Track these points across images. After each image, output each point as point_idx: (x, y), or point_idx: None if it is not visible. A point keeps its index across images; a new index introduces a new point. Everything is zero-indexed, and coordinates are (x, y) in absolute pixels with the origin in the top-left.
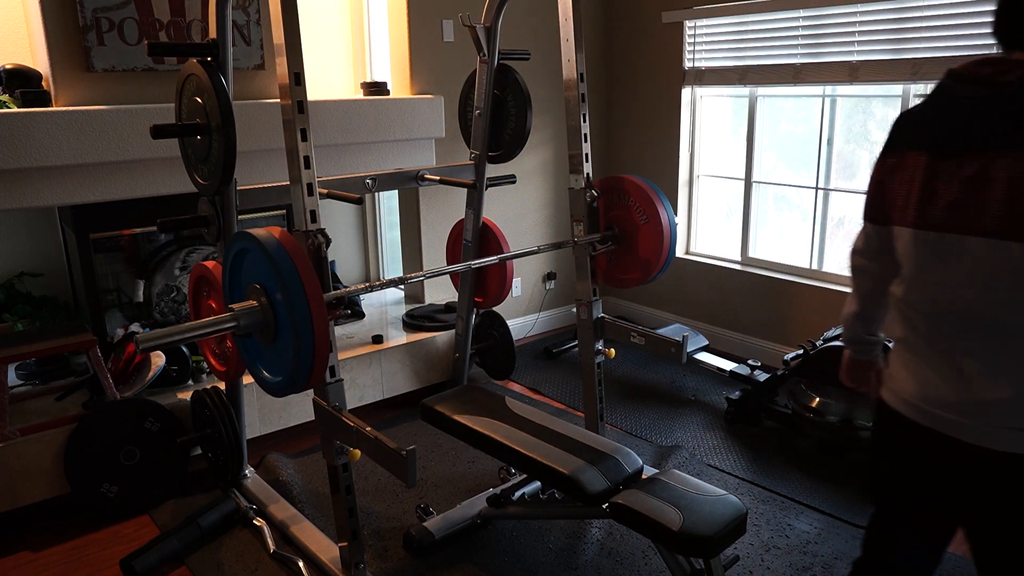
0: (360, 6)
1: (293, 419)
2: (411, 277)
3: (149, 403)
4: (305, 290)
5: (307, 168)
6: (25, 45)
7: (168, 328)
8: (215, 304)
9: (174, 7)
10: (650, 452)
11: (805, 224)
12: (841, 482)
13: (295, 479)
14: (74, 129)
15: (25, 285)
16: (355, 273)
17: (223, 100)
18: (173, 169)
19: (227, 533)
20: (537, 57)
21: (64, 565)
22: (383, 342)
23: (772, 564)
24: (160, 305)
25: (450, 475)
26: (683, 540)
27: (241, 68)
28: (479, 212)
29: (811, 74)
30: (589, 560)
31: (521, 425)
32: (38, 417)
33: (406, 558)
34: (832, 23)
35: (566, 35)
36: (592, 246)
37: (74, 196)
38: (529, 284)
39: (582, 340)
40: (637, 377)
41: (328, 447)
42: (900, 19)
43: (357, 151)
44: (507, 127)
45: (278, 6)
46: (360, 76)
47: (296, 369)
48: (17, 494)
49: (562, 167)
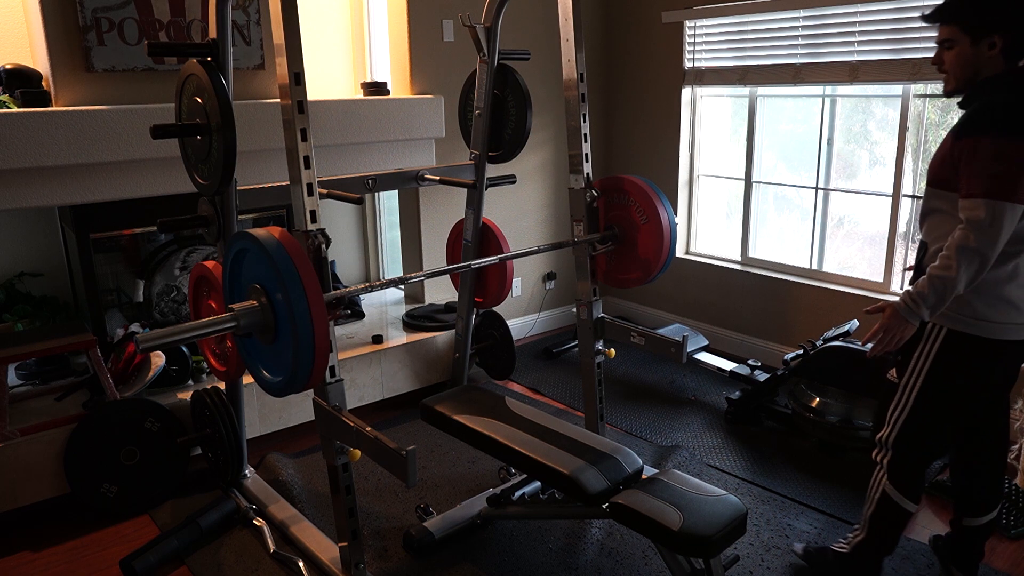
0: (360, 6)
1: (293, 419)
2: (411, 277)
3: (149, 403)
4: (305, 290)
5: (307, 168)
6: (25, 45)
7: (168, 328)
8: (215, 304)
9: (174, 7)
10: (650, 452)
11: (805, 224)
12: (841, 482)
13: (295, 479)
14: (74, 129)
15: (25, 285)
16: (355, 273)
17: (223, 100)
18: (173, 169)
19: (227, 533)
20: (537, 57)
21: (64, 565)
22: (383, 342)
23: (772, 564)
24: (160, 305)
25: (450, 475)
26: (683, 540)
27: (241, 68)
28: (479, 212)
29: (811, 74)
30: (589, 560)
31: (521, 425)
32: (38, 417)
33: (406, 558)
34: (832, 23)
35: (566, 35)
36: (592, 246)
37: (74, 196)
38: (529, 284)
39: (582, 340)
40: (637, 377)
41: (328, 447)
42: (900, 19)
43: (357, 151)
44: (507, 127)
45: (278, 6)
46: (360, 76)
47: (296, 369)
48: (17, 494)
49: (562, 167)
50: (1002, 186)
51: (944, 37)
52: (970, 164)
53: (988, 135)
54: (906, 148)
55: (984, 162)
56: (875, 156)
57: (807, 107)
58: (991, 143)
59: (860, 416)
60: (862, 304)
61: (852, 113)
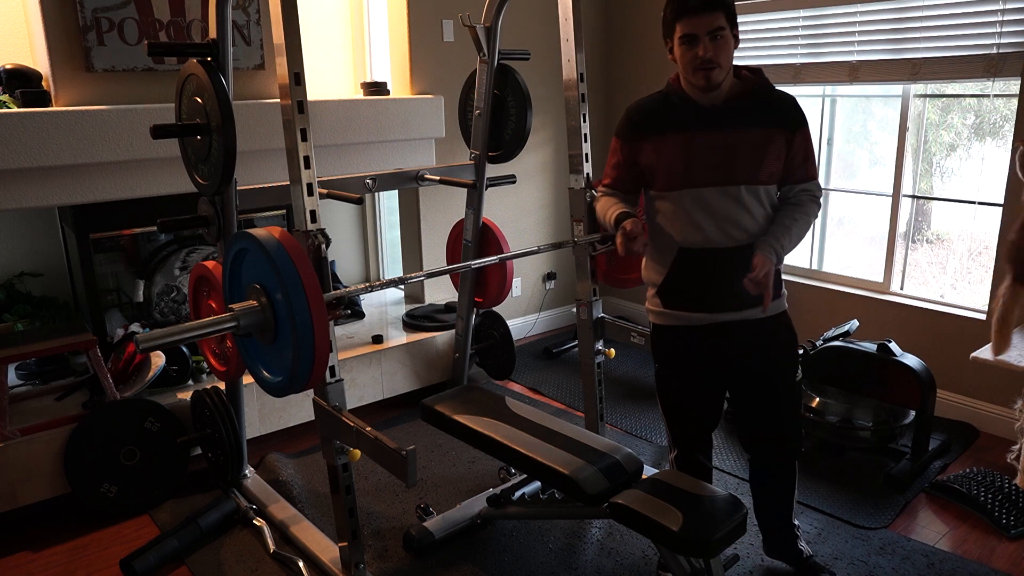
0: (360, 6)
1: (293, 419)
2: (411, 277)
3: (149, 403)
4: (305, 290)
5: (307, 168)
6: (25, 45)
7: (168, 328)
8: (215, 304)
9: (174, 7)
10: (650, 452)
11: None
12: (841, 482)
13: (295, 479)
14: (74, 129)
15: (25, 285)
16: (355, 273)
17: (223, 100)
18: (173, 169)
19: (227, 533)
20: (537, 57)
21: (64, 565)
22: (383, 342)
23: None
24: (160, 305)
25: (450, 475)
26: (683, 540)
27: (241, 68)
28: (479, 212)
29: (811, 74)
30: (589, 560)
31: (521, 425)
32: (38, 417)
33: (406, 558)
34: (832, 23)
35: (566, 35)
36: (592, 246)
37: (74, 196)
38: (529, 284)
39: (582, 340)
40: (637, 377)
41: (328, 447)
42: (900, 19)
43: (357, 151)
44: (507, 127)
45: (278, 6)
46: (360, 76)
47: (296, 369)
48: (17, 494)
49: (562, 167)
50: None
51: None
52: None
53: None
54: (906, 148)
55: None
56: (875, 156)
57: (807, 107)
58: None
59: (860, 416)
60: (862, 304)
61: (852, 113)
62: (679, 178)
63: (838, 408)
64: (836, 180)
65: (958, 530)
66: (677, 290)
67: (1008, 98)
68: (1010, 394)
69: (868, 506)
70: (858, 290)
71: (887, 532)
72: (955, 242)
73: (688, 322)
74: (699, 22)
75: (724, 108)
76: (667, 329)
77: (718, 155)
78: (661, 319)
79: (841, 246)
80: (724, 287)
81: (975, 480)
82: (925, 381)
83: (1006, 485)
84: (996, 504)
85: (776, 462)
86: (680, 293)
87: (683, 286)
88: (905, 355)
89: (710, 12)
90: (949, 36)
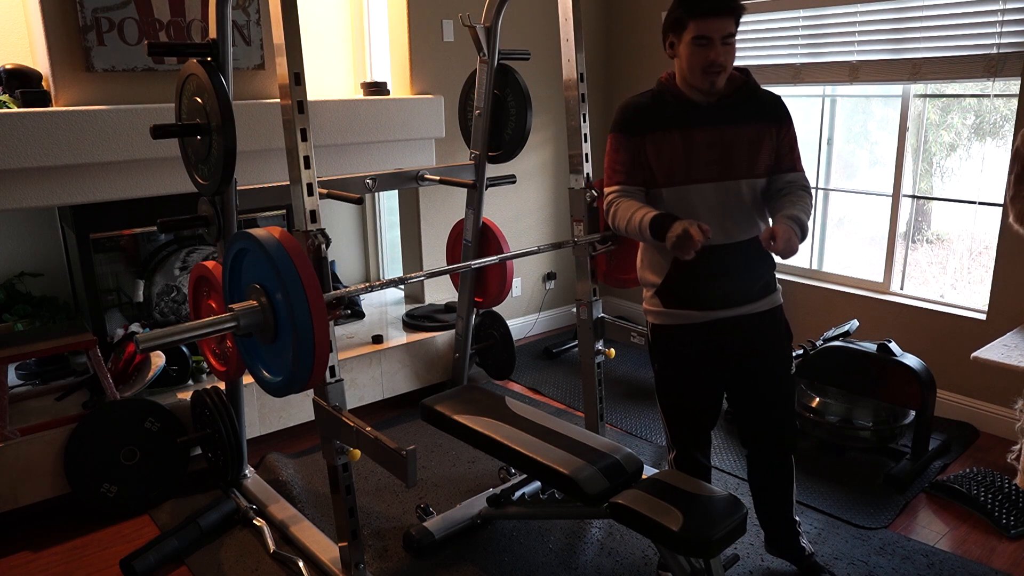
0: (360, 6)
1: (293, 419)
2: (411, 277)
3: (149, 403)
4: (305, 290)
5: (307, 168)
6: (25, 45)
7: (168, 328)
8: (215, 304)
9: (174, 7)
10: (650, 452)
11: None
12: (841, 482)
13: (295, 479)
14: (74, 129)
15: (25, 285)
16: (355, 273)
17: (223, 100)
18: (173, 169)
19: (227, 533)
20: (537, 57)
21: (64, 565)
22: (383, 342)
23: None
24: (160, 305)
25: (450, 475)
26: (683, 540)
27: (241, 68)
28: (479, 212)
29: (811, 74)
30: (589, 560)
31: (521, 425)
32: (38, 417)
33: (406, 558)
34: (832, 23)
35: (566, 35)
36: (592, 246)
37: (74, 196)
38: (529, 284)
39: (582, 340)
40: (637, 377)
41: (328, 447)
42: (900, 19)
43: (357, 151)
44: (507, 127)
45: (278, 6)
46: (360, 76)
47: (296, 369)
48: (17, 494)
49: (562, 167)
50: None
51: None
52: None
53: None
54: (906, 148)
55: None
56: (875, 156)
57: (807, 107)
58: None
59: (860, 416)
60: (862, 304)
61: (852, 113)
62: (680, 175)
63: (838, 408)
64: (836, 180)
65: (958, 530)
66: (677, 289)
67: (1008, 98)
68: (1010, 394)
69: (868, 506)
70: (858, 290)
71: (887, 532)
72: (955, 242)
73: (688, 320)
74: (715, 25)
75: (718, 105)
76: (667, 328)
77: (717, 152)
78: (661, 319)
79: (841, 246)
80: (723, 284)
81: (975, 480)
82: (925, 381)
83: (1006, 485)
84: (996, 504)
85: (775, 457)
86: (680, 292)
87: (683, 284)
88: (905, 355)
89: (727, 16)
90: (949, 36)
